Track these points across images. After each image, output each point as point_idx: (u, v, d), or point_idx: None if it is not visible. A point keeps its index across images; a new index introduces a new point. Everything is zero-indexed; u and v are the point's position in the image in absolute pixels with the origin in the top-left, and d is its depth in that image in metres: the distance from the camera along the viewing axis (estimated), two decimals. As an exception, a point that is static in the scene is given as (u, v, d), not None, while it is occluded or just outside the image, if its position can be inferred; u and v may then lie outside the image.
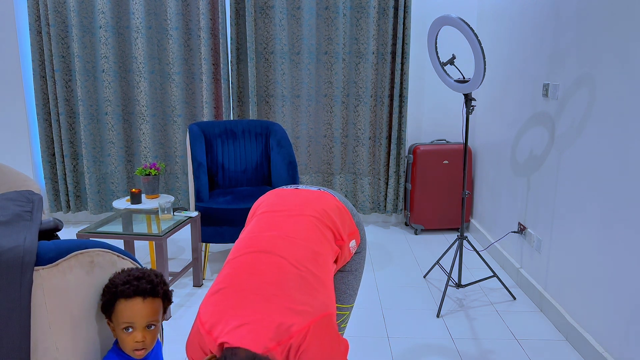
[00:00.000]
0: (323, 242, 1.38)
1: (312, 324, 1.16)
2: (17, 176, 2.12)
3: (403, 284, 3.17)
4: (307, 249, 1.32)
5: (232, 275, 1.26)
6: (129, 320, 1.23)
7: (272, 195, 1.54)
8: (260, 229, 1.39)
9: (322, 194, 1.53)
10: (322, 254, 1.35)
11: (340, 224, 1.46)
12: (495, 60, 3.58)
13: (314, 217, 1.41)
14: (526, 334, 2.56)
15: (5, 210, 1.25)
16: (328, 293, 1.27)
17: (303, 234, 1.36)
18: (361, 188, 4.25)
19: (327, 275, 1.32)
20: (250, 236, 1.38)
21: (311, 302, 1.20)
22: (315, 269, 1.29)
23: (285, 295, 1.20)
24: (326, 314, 1.20)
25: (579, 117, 2.41)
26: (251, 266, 1.27)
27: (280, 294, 1.20)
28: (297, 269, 1.26)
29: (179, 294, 3.03)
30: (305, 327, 1.15)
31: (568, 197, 2.51)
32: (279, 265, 1.26)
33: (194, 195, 3.28)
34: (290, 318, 1.15)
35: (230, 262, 1.32)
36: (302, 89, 4.09)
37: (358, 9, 4.00)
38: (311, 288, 1.24)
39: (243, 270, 1.26)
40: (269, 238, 1.35)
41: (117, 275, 1.28)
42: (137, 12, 3.97)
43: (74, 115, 4.18)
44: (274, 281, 1.22)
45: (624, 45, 2.06)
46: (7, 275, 1.07)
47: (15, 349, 1.07)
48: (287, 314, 1.16)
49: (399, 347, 2.43)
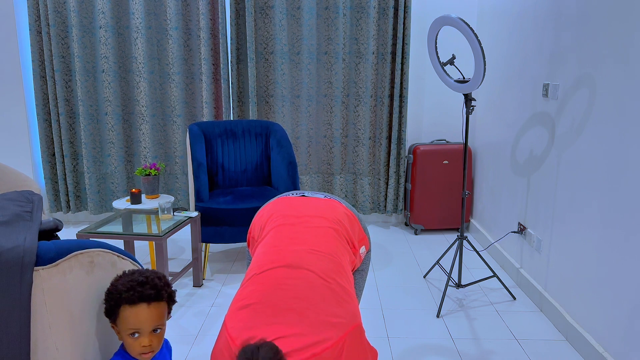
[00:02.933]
0: (343, 253, 1.38)
1: (346, 335, 1.16)
2: (17, 176, 2.12)
3: (403, 284, 3.16)
4: (332, 262, 1.32)
5: (261, 291, 1.24)
6: (135, 327, 1.22)
7: (282, 205, 1.53)
8: (283, 243, 1.37)
9: (331, 202, 1.53)
10: (344, 265, 1.35)
11: (351, 231, 1.47)
12: (495, 60, 3.58)
13: (332, 229, 1.41)
14: (526, 334, 2.56)
15: (5, 210, 1.25)
16: (355, 303, 1.28)
17: (326, 246, 1.36)
18: (361, 188, 4.25)
19: (351, 286, 1.32)
20: (273, 250, 1.36)
21: (342, 314, 1.20)
22: (342, 280, 1.29)
23: (318, 308, 1.19)
24: (357, 324, 1.20)
25: (579, 117, 2.41)
26: (280, 281, 1.25)
27: (312, 307, 1.19)
28: (326, 281, 1.25)
29: (179, 294, 3.03)
30: (341, 339, 1.14)
31: (568, 197, 2.51)
32: (308, 279, 1.25)
33: (194, 195, 3.28)
34: (325, 332, 1.14)
35: (256, 278, 1.29)
36: (302, 89, 4.09)
37: (358, 9, 4.00)
38: (341, 300, 1.23)
39: (272, 285, 1.24)
40: (295, 252, 1.33)
41: (119, 280, 1.25)
42: (137, 12, 3.97)
43: (74, 116, 4.18)
44: (305, 296, 1.21)
45: (624, 45, 2.06)
46: (7, 275, 1.07)
47: (15, 349, 1.07)
48: (322, 328, 1.15)
49: (399, 347, 2.43)
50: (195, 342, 2.50)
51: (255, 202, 3.23)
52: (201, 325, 2.66)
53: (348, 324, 1.18)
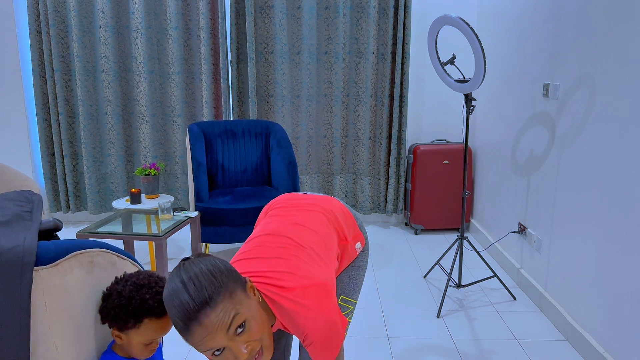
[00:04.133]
0: (331, 236, 1.42)
1: (312, 285, 1.19)
2: (17, 176, 2.12)
3: (403, 284, 3.16)
4: (315, 236, 1.36)
5: (242, 251, 1.32)
6: (157, 337, 1.20)
7: (282, 198, 1.60)
8: (272, 220, 1.44)
9: (330, 197, 1.59)
10: (328, 244, 1.38)
11: (344, 225, 1.50)
12: (495, 60, 3.58)
13: (324, 215, 1.46)
14: (526, 334, 2.56)
15: (5, 210, 1.25)
16: (330, 271, 1.31)
17: (311, 223, 1.41)
18: (361, 188, 4.25)
19: (331, 262, 1.35)
20: (260, 228, 1.43)
21: (315, 273, 1.24)
22: (321, 252, 1.33)
23: (290, 263, 1.24)
24: (325, 283, 1.23)
25: (579, 117, 2.41)
26: (261, 244, 1.32)
27: (284, 262, 1.25)
28: (304, 247, 1.30)
29: (178, 294, 3.03)
30: (304, 286, 1.19)
31: (568, 197, 2.51)
32: (285, 243, 1.31)
33: (193, 195, 3.28)
34: (291, 280, 1.20)
35: (241, 248, 1.37)
36: (302, 89, 4.09)
37: (358, 9, 4.00)
38: (314, 264, 1.28)
39: (253, 246, 1.31)
40: (280, 224, 1.39)
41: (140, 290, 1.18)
42: (137, 12, 3.97)
43: (74, 115, 4.18)
44: (281, 255, 1.27)
45: (624, 46, 2.06)
46: (7, 275, 1.07)
47: (15, 349, 1.07)
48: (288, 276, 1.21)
49: (399, 347, 2.43)
50: (195, 342, 2.50)
51: (255, 202, 3.23)
52: (201, 325, 2.66)
53: (317, 278, 1.22)
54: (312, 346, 1.18)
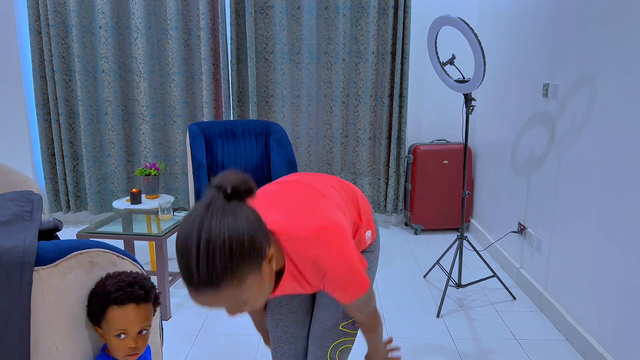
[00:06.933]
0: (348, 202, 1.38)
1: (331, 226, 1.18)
2: (17, 176, 2.12)
3: (403, 284, 3.16)
4: (336, 192, 1.35)
5: (261, 194, 1.30)
6: (123, 328, 1.21)
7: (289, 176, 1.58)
8: (287, 179, 1.41)
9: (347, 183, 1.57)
10: (349, 208, 1.36)
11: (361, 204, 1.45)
12: (495, 60, 3.58)
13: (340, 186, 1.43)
14: (526, 334, 2.56)
15: (5, 210, 1.25)
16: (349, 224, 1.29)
17: (332, 183, 1.39)
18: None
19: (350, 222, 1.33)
20: (277, 181, 1.40)
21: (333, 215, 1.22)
22: (344, 205, 1.32)
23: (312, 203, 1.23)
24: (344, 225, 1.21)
25: (579, 117, 2.41)
26: (274, 191, 1.30)
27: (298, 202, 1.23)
28: (325, 196, 1.28)
29: (179, 294, 3.03)
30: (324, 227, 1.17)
31: (568, 197, 2.51)
32: (310, 190, 1.29)
33: (193, 195, 3.28)
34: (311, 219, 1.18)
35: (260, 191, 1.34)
36: (302, 89, 4.09)
37: (358, 9, 4.00)
38: (338, 209, 1.26)
39: (268, 195, 1.29)
40: (298, 176, 1.39)
41: (106, 281, 1.24)
42: (137, 13, 3.97)
43: (74, 116, 4.18)
44: (298, 196, 1.25)
45: (624, 45, 2.06)
46: (7, 275, 1.07)
47: (15, 349, 1.07)
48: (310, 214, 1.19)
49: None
50: (195, 342, 2.50)
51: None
52: (201, 325, 2.66)
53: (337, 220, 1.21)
54: (333, 284, 1.17)
